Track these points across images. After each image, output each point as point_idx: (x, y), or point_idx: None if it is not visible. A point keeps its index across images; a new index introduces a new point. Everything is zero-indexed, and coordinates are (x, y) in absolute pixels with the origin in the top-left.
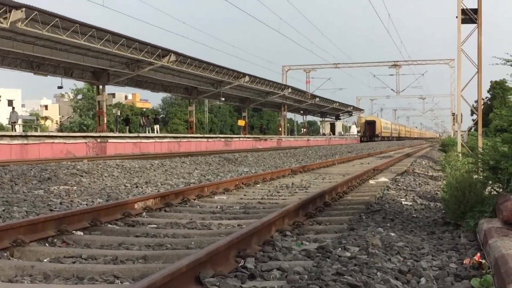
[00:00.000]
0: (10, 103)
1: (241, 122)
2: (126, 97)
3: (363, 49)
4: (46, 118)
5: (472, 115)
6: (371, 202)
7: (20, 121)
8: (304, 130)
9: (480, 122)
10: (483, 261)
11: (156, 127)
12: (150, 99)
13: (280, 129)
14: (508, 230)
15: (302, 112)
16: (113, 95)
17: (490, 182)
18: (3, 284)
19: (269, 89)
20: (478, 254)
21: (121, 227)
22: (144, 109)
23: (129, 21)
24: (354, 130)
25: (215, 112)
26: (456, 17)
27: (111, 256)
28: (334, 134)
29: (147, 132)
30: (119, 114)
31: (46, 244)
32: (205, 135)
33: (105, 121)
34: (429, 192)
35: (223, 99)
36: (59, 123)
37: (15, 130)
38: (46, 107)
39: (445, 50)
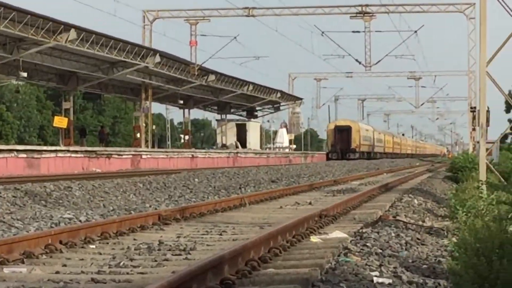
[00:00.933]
0: None
1: (60, 121)
2: None
3: None
4: None
5: (508, 111)
6: (312, 278)
7: None
8: (187, 138)
9: None
10: None
11: None
12: None
13: (139, 135)
14: None
15: (182, 102)
16: None
17: None
18: None
19: (117, 56)
20: None
21: None
22: None
23: None
24: (284, 137)
25: (9, 101)
26: None
27: None
28: (244, 146)
29: None
30: None
31: None
32: None
33: None
34: (426, 258)
35: (25, 74)
36: None
37: None
38: None
39: None
